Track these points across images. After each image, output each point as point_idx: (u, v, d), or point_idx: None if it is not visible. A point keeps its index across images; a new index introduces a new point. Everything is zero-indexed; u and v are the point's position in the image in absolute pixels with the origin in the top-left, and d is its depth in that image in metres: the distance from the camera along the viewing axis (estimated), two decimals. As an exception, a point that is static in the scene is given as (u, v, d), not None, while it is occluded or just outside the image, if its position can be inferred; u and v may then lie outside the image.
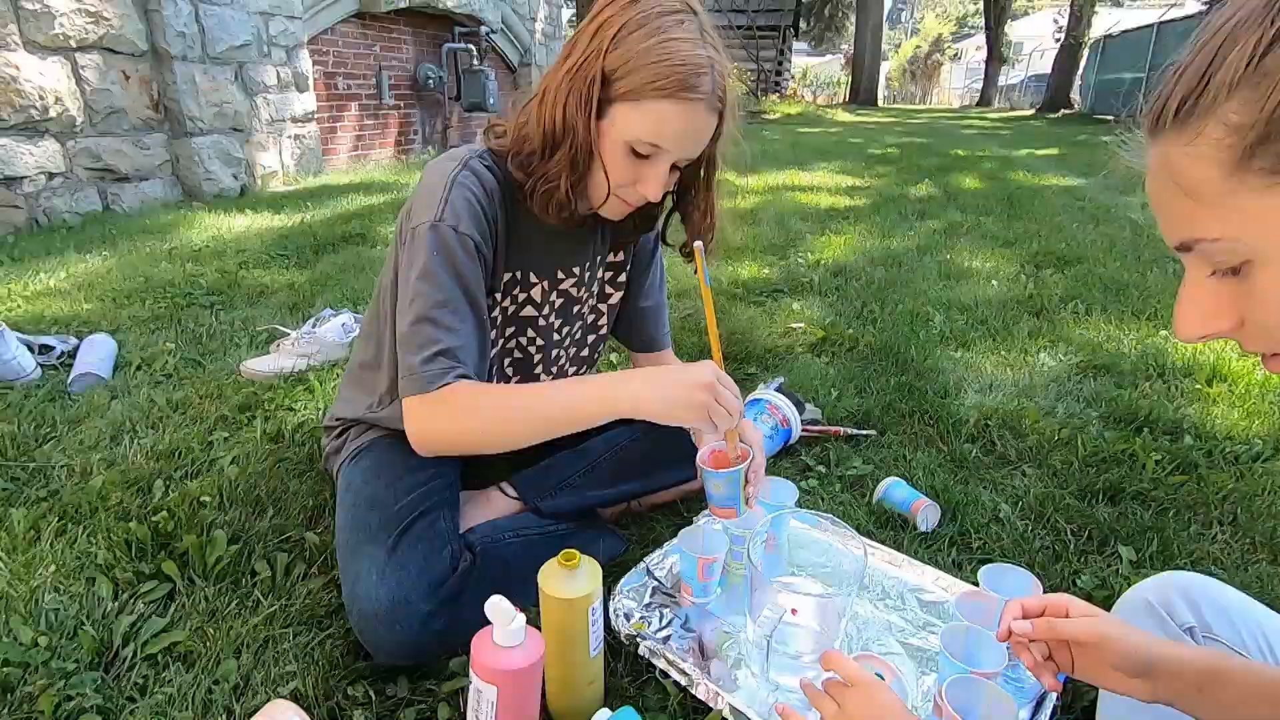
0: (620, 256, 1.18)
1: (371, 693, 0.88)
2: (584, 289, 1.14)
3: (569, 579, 0.79)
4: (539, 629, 0.79)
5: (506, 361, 1.13)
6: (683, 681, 0.89)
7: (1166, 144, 0.43)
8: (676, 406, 0.85)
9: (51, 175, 3.31)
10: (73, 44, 3.29)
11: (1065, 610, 0.68)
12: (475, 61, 6.40)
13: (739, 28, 16.01)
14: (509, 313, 1.08)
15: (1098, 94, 14.95)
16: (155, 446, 1.41)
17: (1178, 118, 0.42)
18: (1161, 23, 12.52)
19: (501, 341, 1.10)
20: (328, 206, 3.79)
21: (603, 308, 1.21)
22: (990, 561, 1.00)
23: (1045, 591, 1.04)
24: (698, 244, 0.88)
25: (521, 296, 1.07)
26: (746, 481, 0.95)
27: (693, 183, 1.02)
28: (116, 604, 1.00)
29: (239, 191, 4.25)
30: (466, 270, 0.91)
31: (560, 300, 1.12)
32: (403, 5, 5.52)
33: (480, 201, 0.93)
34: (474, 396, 0.89)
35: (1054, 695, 0.87)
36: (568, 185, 0.92)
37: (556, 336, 1.15)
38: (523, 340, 1.12)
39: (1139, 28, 13.60)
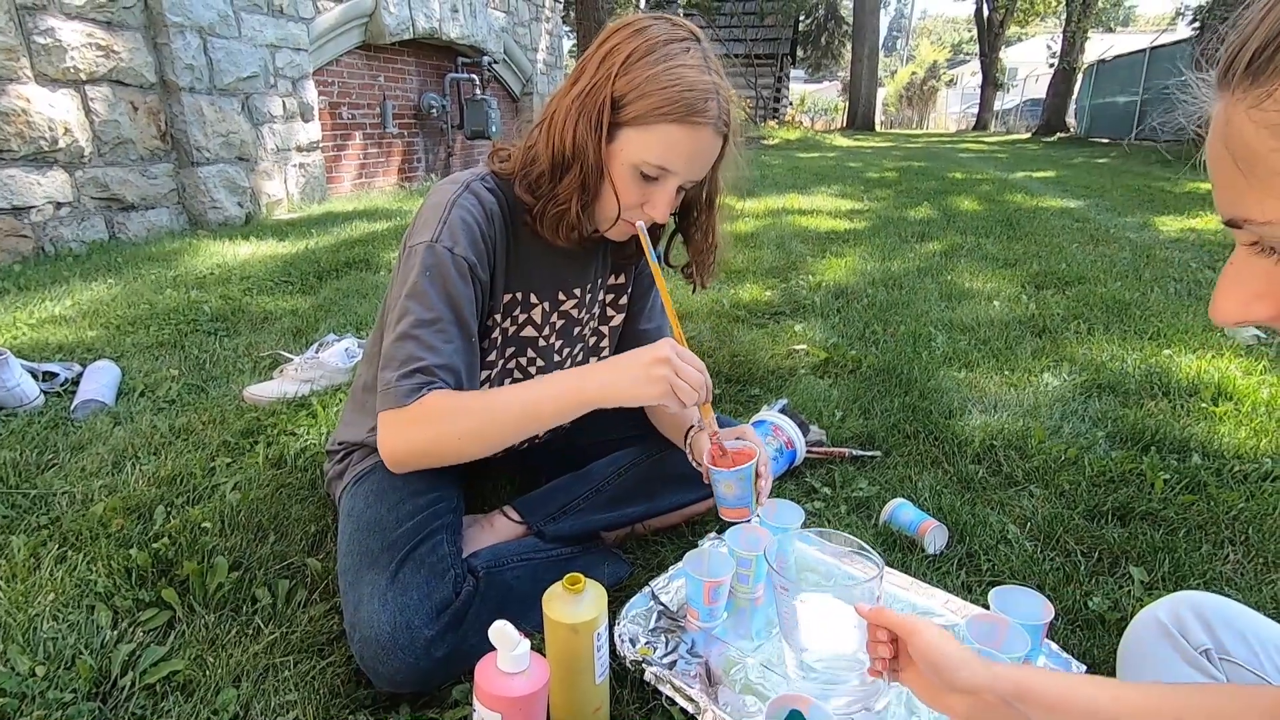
0: (621, 279, 1.18)
1: (373, 722, 0.86)
2: (584, 310, 1.14)
3: (574, 603, 0.78)
4: (543, 655, 0.78)
5: (507, 383, 1.13)
6: (690, 709, 0.87)
7: (1233, 100, 0.37)
8: (638, 384, 0.85)
9: (59, 205, 3.35)
10: (83, 76, 3.35)
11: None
12: (478, 91, 6.51)
13: (737, 56, 16.29)
14: (509, 333, 1.08)
15: (1093, 117, 15.12)
16: (157, 473, 1.41)
17: (1249, 69, 0.35)
18: (1153, 48, 12.71)
19: (501, 362, 1.10)
20: (331, 233, 3.82)
21: (604, 329, 1.21)
22: (1000, 583, 0.99)
23: (1056, 614, 1.03)
24: (639, 224, 0.92)
25: (522, 317, 1.08)
26: (758, 475, 0.94)
27: (695, 205, 1.03)
28: (115, 632, 0.98)
29: (244, 219, 4.29)
30: (458, 291, 0.92)
31: (561, 322, 1.12)
32: (407, 37, 5.63)
33: (479, 224, 0.94)
34: (447, 401, 0.89)
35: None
36: (578, 207, 0.93)
37: (557, 358, 1.16)
38: (523, 361, 1.12)
39: (1131, 53, 13.80)
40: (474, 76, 6.54)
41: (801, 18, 20.48)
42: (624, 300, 1.20)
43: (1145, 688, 0.59)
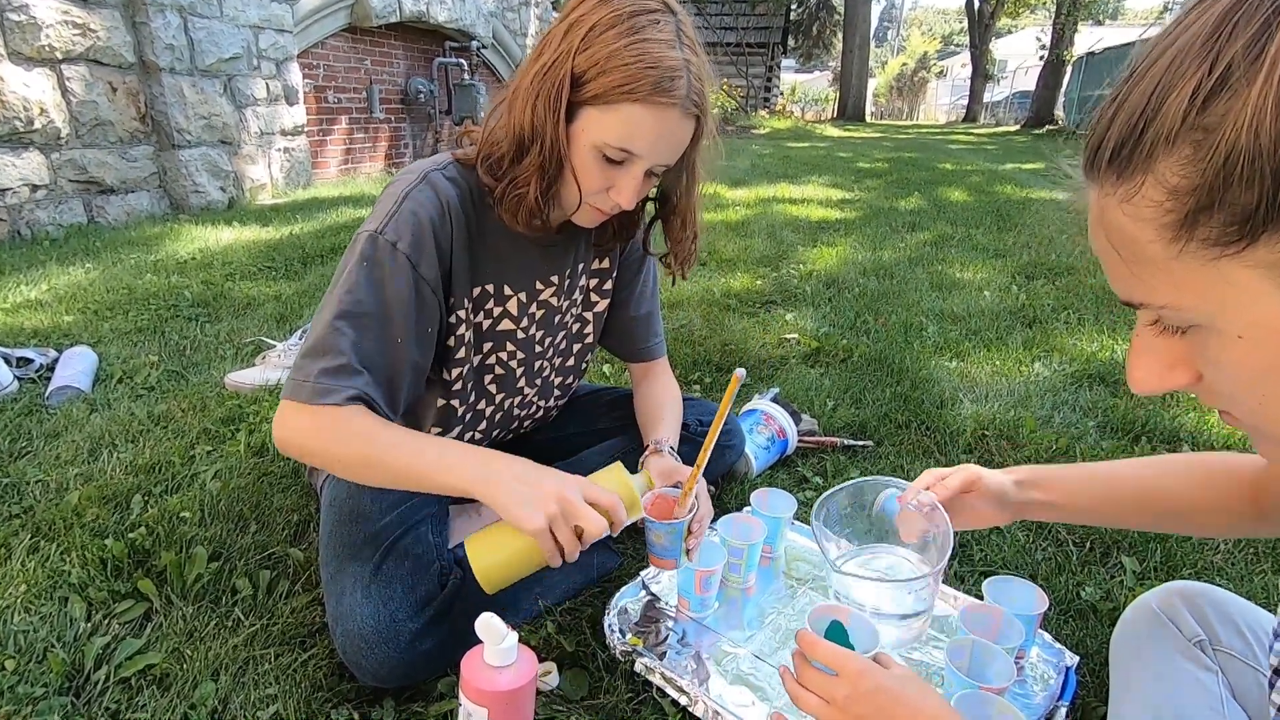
0: (605, 263, 1.14)
1: (356, 716, 0.84)
2: (564, 298, 1.09)
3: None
4: (530, 648, 0.77)
5: (488, 379, 1.08)
6: (681, 700, 0.86)
7: (1103, 194, 0.39)
8: (519, 503, 0.77)
9: (35, 187, 3.27)
10: (59, 55, 3.26)
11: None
12: (466, 76, 6.42)
13: (728, 44, 16.19)
14: (483, 328, 1.02)
15: (1082, 110, 15.19)
16: (135, 461, 1.37)
17: (1113, 165, 0.37)
18: (1142, 41, 12.77)
19: (479, 358, 1.05)
20: (316, 219, 3.76)
21: (588, 316, 1.17)
22: (992, 573, 0.98)
23: (1051, 603, 1.02)
24: (739, 371, 0.81)
25: (496, 310, 1.02)
26: (689, 533, 0.93)
27: (673, 190, 1.00)
28: (89, 625, 0.96)
29: (227, 204, 4.22)
30: (392, 288, 0.86)
31: (541, 312, 1.07)
32: (394, 20, 5.54)
33: (432, 219, 0.88)
34: (349, 424, 0.82)
35: (1063, 710, 0.85)
36: (537, 192, 0.88)
37: (539, 349, 1.11)
38: (502, 355, 1.07)
39: (1121, 45, 13.85)
40: (462, 61, 6.45)
41: (793, 7, 20.38)
42: (609, 285, 1.16)
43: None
